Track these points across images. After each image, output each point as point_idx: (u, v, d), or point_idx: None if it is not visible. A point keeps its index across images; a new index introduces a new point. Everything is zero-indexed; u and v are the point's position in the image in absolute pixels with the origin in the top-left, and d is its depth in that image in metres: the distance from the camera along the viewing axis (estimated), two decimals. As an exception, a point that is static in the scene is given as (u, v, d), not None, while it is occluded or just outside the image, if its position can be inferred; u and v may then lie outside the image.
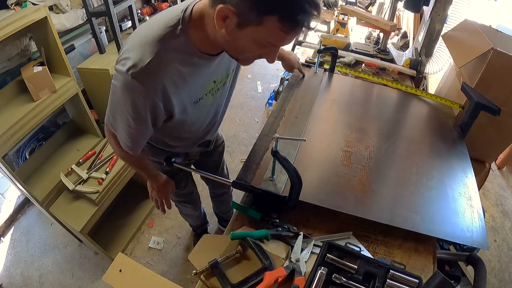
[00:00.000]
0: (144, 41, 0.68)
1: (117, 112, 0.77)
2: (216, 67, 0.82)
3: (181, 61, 0.72)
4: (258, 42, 0.64)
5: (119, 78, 0.69)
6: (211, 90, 0.86)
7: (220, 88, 0.91)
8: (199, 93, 0.82)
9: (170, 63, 0.70)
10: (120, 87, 0.69)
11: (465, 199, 0.96)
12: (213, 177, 0.99)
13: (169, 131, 0.93)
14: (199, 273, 0.75)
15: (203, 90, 0.83)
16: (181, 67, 0.72)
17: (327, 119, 1.24)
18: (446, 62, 1.66)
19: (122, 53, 0.70)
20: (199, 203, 1.62)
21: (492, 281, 1.76)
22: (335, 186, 0.95)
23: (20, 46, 1.62)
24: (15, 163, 1.85)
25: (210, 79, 0.84)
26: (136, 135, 0.80)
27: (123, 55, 0.69)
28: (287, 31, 0.60)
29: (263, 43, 0.64)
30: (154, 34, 0.68)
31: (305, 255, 0.80)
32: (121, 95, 0.71)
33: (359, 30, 3.59)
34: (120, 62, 0.69)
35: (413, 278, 0.72)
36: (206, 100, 0.87)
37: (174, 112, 0.78)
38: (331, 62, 1.50)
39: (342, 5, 3.00)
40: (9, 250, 1.89)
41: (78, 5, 1.94)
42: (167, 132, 0.94)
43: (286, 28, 0.59)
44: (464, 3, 1.57)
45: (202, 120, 0.95)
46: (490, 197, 2.28)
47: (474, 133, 1.22)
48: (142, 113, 0.72)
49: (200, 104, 0.85)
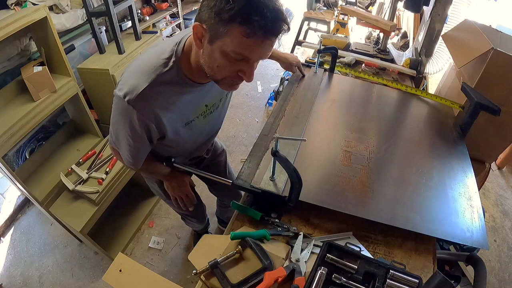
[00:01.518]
0: (140, 70, 0.75)
1: (119, 132, 0.84)
2: (207, 93, 0.88)
3: (173, 91, 0.78)
4: (227, 54, 0.66)
5: (117, 103, 0.77)
6: (202, 113, 0.92)
7: (213, 111, 0.96)
8: (190, 116, 0.88)
9: (162, 92, 0.76)
10: (118, 110, 0.78)
11: (465, 199, 0.96)
12: (213, 177, 0.99)
13: (164, 148, 0.97)
14: (199, 273, 0.75)
15: (194, 114, 0.89)
16: (173, 96, 0.79)
17: (327, 119, 1.24)
18: (446, 62, 1.66)
19: (121, 79, 0.77)
20: (205, 216, 1.68)
21: (492, 281, 1.76)
22: (335, 186, 0.95)
23: (20, 46, 1.62)
24: (15, 163, 1.85)
25: (201, 103, 0.89)
26: (136, 152, 0.89)
27: (121, 81, 0.76)
28: (248, 35, 0.61)
29: (231, 55, 0.65)
30: (150, 64, 0.75)
31: (305, 255, 0.80)
32: (119, 117, 0.79)
33: (359, 30, 3.59)
34: (118, 87, 0.76)
35: (413, 278, 0.72)
36: (197, 122, 0.92)
37: (167, 133, 0.84)
38: (331, 62, 1.50)
39: (342, 5, 3.00)
40: (9, 250, 1.89)
41: (78, 5, 1.94)
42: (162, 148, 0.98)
43: (246, 32, 0.61)
44: (464, 3, 1.57)
45: (194, 139, 1.00)
46: (490, 197, 2.28)
47: (474, 133, 1.22)
48: (139, 133, 0.80)
49: (191, 126, 0.91)
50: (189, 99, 0.83)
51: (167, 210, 2.12)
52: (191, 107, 0.87)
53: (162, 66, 0.75)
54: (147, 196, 2.13)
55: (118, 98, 0.75)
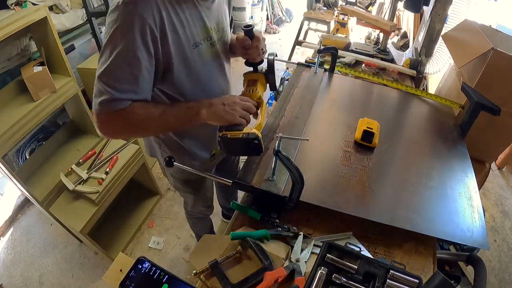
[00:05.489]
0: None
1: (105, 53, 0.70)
2: (210, 13, 0.84)
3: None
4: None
5: (111, 15, 0.68)
6: (208, 38, 0.85)
7: (217, 43, 0.90)
8: (196, 34, 0.81)
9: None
10: (112, 20, 0.68)
11: (465, 199, 0.96)
12: (213, 177, 0.99)
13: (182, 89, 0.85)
14: (199, 273, 0.75)
15: (199, 34, 0.82)
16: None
17: (327, 119, 1.24)
18: (446, 62, 1.66)
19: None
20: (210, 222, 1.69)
21: (492, 281, 1.76)
22: (335, 186, 0.95)
23: (20, 46, 1.62)
24: (15, 163, 1.85)
25: (205, 22, 0.83)
26: (120, 61, 0.69)
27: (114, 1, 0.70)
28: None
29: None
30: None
31: (305, 255, 0.80)
32: (113, 25, 0.68)
33: (359, 30, 3.59)
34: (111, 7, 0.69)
35: (413, 278, 0.71)
36: (205, 48, 0.85)
37: (171, 50, 0.75)
38: (331, 62, 1.50)
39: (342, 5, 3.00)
40: (9, 250, 1.89)
41: (78, 5, 1.94)
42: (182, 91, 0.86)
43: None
44: (464, 3, 1.57)
45: (209, 77, 0.91)
46: (490, 197, 2.28)
47: (474, 133, 1.22)
48: (141, 40, 0.68)
49: (200, 51, 0.83)
50: (190, 9, 0.78)
51: (167, 210, 2.12)
52: (195, 23, 0.80)
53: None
54: (147, 196, 2.13)
55: (111, 11, 0.68)
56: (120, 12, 0.67)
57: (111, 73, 0.70)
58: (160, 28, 0.71)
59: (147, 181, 2.07)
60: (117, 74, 0.71)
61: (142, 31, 0.68)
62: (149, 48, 0.71)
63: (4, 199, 2.04)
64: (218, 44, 0.92)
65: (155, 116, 0.78)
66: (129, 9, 0.67)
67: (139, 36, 0.68)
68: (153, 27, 0.69)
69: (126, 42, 0.68)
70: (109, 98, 0.71)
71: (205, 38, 0.85)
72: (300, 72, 1.49)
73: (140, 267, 0.72)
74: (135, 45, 0.69)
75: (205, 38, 0.85)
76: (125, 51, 0.69)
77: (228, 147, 0.82)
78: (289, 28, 4.75)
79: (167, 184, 2.27)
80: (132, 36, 0.68)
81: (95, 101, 0.73)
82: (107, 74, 0.70)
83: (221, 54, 0.95)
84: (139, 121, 0.77)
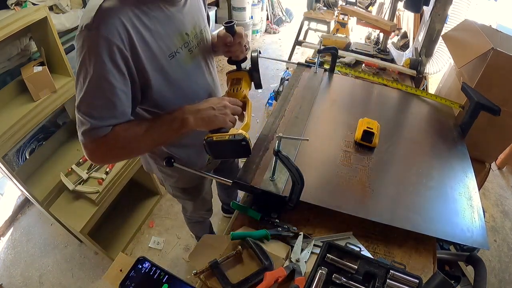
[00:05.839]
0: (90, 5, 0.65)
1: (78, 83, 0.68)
2: (184, 17, 0.79)
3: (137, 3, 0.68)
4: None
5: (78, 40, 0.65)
6: (185, 45, 0.81)
7: (197, 47, 0.86)
8: (171, 44, 0.77)
9: (124, 5, 0.66)
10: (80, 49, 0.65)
11: (465, 199, 0.96)
12: (213, 177, 0.99)
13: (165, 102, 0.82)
14: (199, 273, 0.75)
15: (175, 42, 0.78)
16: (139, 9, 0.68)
17: (327, 119, 1.24)
18: (446, 62, 1.66)
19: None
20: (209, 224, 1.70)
21: (492, 281, 1.76)
22: (335, 186, 0.95)
23: (20, 46, 1.62)
24: (15, 163, 1.85)
25: (180, 29, 0.79)
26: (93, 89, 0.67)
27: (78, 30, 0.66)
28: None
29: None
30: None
31: (305, 255, 0.80)
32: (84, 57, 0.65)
33: (359, 30, 3.58)
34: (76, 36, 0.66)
35: (413, 278, 0.71)
36: (184, 56, 0.81)
37: (146, 66, 0.71)
38: (331, 62, 1.50)
39: (342, 5, 3.00)
40: (9, 250, 1.89)
41: (78, 5, 1.94)
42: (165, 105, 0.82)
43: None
44: (464, 3, 1.57)
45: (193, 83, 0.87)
46: (490, 197, 2.28)
47: (474, 133, 1.22)
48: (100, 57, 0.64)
49: (178, 60, 0.79)
50: (161, 18, 0.73)
51: (167, 210, 2.12)
52: (168, 31, 0.75)
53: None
54: (147, 196, 2.13)
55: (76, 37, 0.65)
56: (84, 39, 0.64)
57: (87, 102, 0.69)
58: (130, 45, 0.67)
59: (147, 181, 2.07)
60: (93, 102, 0.69)
61: (110, 53, 0.65)
62: (121, 69, 0.68)
63: (4, 199, 2.04)
64: (197, 48, 0.87)
65: (140, 135, 0.75)
66: (92, 34, 0.63)
67: (107, 59, 0.65)
68: (121, 47, 0.66)
69: (95, 68, 0.65)
70: (89, 127, 0.70)
71: (181, 46, 0.80)
72: (300, 72, 1.49)
73: (140, 267, 0.72)
74: (105, 70, 0.66)
75: (182, 45, 0.81)
76: (96, 78, 0.66)
77: (214, 150, 0.78)
78: (289, 28, 4.75)
79: (167, 184, 2.27)
80: (100, 60, 0.64)
81: (78, 132, 0.72)
82: (83, 104, 0.69)
83: (203, 57, 0.91)
84: (124, 143, 0.75)
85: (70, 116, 1.99)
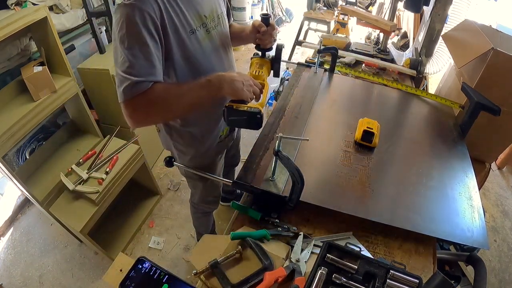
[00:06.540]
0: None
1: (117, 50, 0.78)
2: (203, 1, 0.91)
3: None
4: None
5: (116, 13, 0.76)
6: (203, 25, 0.92)
7: (213, 30, 0.96)
8: (191, 22, 0.87)
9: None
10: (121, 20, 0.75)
11: (465, 199, 0.96)
12: (213, 177, 0.99)
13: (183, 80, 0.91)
14: (199, 273, 0.75)
15: (194, 21, 0.89)
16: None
17: (327, 119, 1.24)
18: (446, 62, 1.66)
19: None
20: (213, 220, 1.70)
21: (492, 281, 1.76)
22: (335, 186, 0.95)
23: (20, 46, 1.62)
24: (15, 163, 1.85)
25: (198, 11, 0.90)
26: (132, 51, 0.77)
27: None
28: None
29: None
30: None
31: (305, 255, 0.80)
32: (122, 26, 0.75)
33: (359, 30, 3.58)
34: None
35: (413, 278, 0.71)
36: (201, 35, 0.91)
37: (170, 38, 0.82)
38: (331, 62, 1.50)
39: (342, 5, 3.00)
40: (9, 250, 1.89)
41: (78, 5, 1.94)
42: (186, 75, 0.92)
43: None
44: (464, 3, 1.57)
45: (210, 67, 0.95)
46: (490, 197, 2.28)
47: (474, 133, 1.22)
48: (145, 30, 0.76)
49: (197, 37, 0.90)
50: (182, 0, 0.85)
51: (167, 210, 2.12)
52: (189, 10, 0.87)
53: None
54: (147, 196, 2.13)
55: (115, 13, 0.77)
56: (122, 11, 0.75)
57: (127, 63, 0.77)
58: (160, 17, 0.79)
59: (147, 181, 2.07)
60: (132, 61, 0.77)
61: (145, 22, 0.76)
62: (154, 35, 0.78)
63: (4, 199, 2.04)
64: (215, 30, 0.97)
65: (179, 95, 0.84)
66: (129, 6, 0.74)
67: (143, 26, 0.75)
68: (153, 16, 0.77)
69: (133, 34, 0.75)
70: (130, 83, 0.77)
71: (200, 25, 0.91)
72: (300, 72, 1.50)
73: (140, 267, 0.72)
74: (141, 34, 0.76)
75: (200, 25, 0.91)
76: (135, 42, 0.76)
77: (232, 117, 0.87)
78: (289, 28, 4.75)
79: (167, 184, 2.27)
80: (137, 27, 0.75)
81: (119, 92, 0.79)
82: (124, 65, 0.77)
83: (219, 39, 1.00)
84: (164, 101, 0.83)
85: (70, 116, 1.99)
